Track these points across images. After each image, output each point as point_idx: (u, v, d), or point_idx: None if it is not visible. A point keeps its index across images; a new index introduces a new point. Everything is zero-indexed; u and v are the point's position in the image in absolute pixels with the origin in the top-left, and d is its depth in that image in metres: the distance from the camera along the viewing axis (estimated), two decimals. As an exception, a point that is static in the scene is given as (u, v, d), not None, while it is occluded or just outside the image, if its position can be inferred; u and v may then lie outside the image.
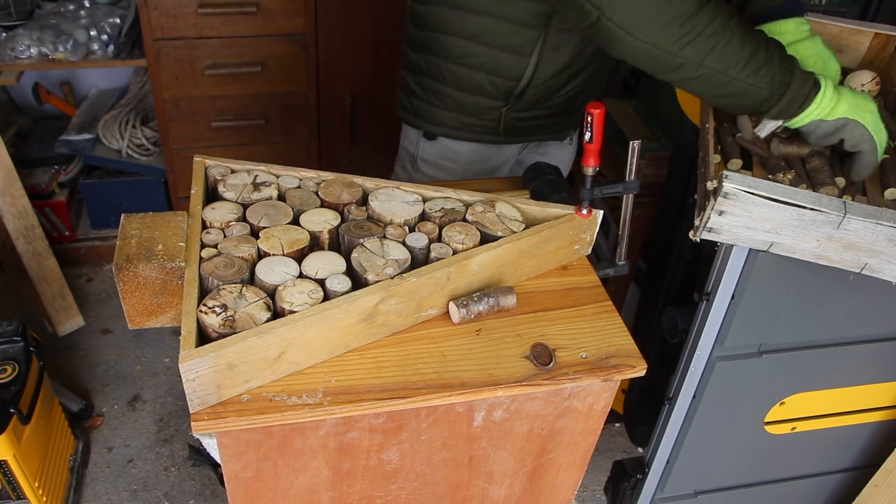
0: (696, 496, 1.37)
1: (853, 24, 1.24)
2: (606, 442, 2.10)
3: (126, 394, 2.13)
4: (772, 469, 1.36)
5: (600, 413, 1.00)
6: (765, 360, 1.14)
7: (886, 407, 1.29)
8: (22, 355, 1.62)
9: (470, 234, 0.98)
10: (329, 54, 2.23)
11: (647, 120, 1.94)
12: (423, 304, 0.94)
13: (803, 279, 1.04)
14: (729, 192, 0.91)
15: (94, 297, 2.45)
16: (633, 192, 1.08)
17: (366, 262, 0.91)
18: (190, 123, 2.28)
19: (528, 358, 0.92)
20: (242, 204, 1.00)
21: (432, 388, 0.87)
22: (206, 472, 1.92)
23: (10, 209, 2.03)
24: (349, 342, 0.90)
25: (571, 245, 1.07)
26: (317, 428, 0.87)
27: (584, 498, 1.96)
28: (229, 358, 0.79)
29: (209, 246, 0.92)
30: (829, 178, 1.00)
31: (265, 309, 0.84)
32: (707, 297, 1.11)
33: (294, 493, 0.94)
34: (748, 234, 0.95)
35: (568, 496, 1.14)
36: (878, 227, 0.90)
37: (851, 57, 1.27)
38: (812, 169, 1.03)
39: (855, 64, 1.27)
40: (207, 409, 0.81)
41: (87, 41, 2.19)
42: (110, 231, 2.57)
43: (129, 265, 0.88)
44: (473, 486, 1.05)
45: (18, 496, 1.61)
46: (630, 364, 0.94)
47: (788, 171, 1.03)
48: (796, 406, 1.24)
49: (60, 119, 2.64)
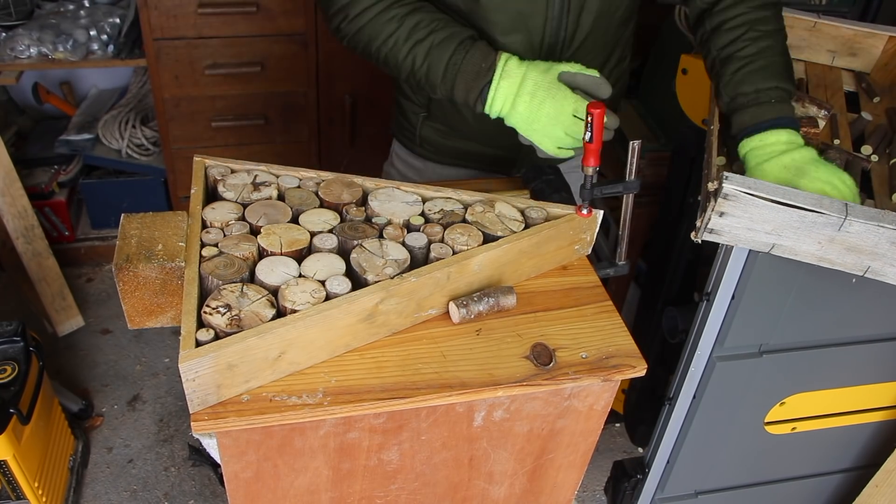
0: (696, 496, 1.37)
1: (868, 27, 1.23)
2: (606, 442, 2.10)
3: (126, 394, 2.13)
4: (772, 469, 1.36)
5: (600, 413, 1.00)
6: (765, 360, 1.14)
7: (887, 407, 1.29)
8: (22, 355, 1.62)
9: (472, 235, 0.98)
10: (329, 54, 2.23)
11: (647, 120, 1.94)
12: (423, 304, 0.94)
13: (804, 279, 1.04)
14: (729, 194, 0.91)
15: (94, 297, 2.45)
16: (633, 192, 1.08)
17: (365, 262, 0.91)
18: (190, 123, 2.28)
19: (529, 358, 0.92)
20: (242, 204, 0.99)
21: (432, 388, 0.87)
22: (206, 472, 1.92)
23: (10, 209, 2.03)
24: (349, 342, 0.90)
25: (571, 245, 1.07)
26: (317, 428, 0.87)
27: (584, 498, 1.96)
28: (229, 358, 0.79)
29: (209, 245, 0.92)
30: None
31: (269, 306, 0.84)
32: (707, 297, 1.11)
33: (294, 493, 0.94)
34: (749, 236, 0.95)
35: (568, 496, 1.13)
36: (881, 229, 0.90)
37: (865, 60, 1.26)
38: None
39: (869, 68, 1.26)
40: (207, 409, 0.81)
41: (87, 41, 2.19)
42: (110, 231, 2.57)
43: (129, 265, 0.88)
44: (473, 486, 1.05)
45: (18, 496, 1.61)
46: (630, 364, 0.94)
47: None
48: (796, 406, 1.24)
49: (60, 119, 2.64)
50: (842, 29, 1.23)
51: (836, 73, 1.27)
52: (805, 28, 1.25)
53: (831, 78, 1.25)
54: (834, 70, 1.28)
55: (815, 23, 1.24)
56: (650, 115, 1.94)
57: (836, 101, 1.18)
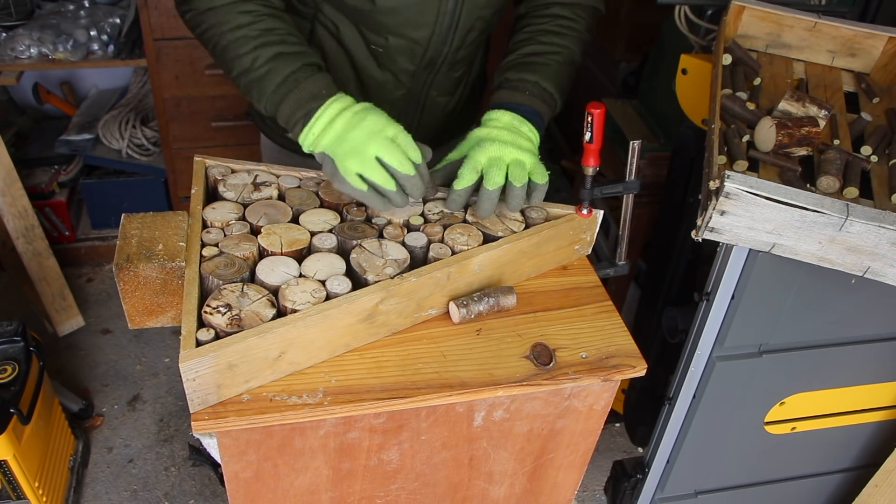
0: (696, 496, 1.37)
1: (868, 27, 1.23)
2: (606, 442, 2.10)
3: (126, 394, 2.13)
4: (772, 469, 1.36)
5: (600, 413, 1.00)
6: (765, 360, 1.14)
7: (886, 407, 1.29)
8: (22, 355, 1.62)
9: (472, 235, 0.98)
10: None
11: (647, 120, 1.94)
12: (424, 304, 0.94)
13: (803, 279, 1.04)
14: (731, 192, 0.91)
15: (94, 297, 2.45)
16: (633, 192, 1.08)
17: (365, 262, 0.91)
18: (190, 123, 2.28)
19: (528, 358, 0.92)
20: (243, 204, 1.00)
21: (432, 388, 0.87)
22: (206, 472, 1.92)
23: (10, 209, 2.03)
24: (349, 342, 0.90)
25: (571, 245, 1.07)
26: (317, 428, 0.87)
27: (584, 498, 1.96)
28: (229, 358, 0.79)
29: (209, 245, 0.92)
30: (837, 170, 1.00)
31: (270, 306, 0.84)
32: (707, 297, 1.11)
33: (294, 493, 0.94)
34: (750, 235, 0.95)
35: (568, 496, 1.13)
36: (881, 230, 0.90)
37: (865, 61, 1.26)
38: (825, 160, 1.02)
39: (869, 68, 1.26)
40: (208, 409, 0.81)
41: (87, 41, 2.19)
42: (110, 231, 2.57)
43: (129, 265, 0.88)
44: (473, 486, 1.05)
45: (18, 496, 1.61)
46: (630, 364, 0.94)
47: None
48: (796, 406, 1.24)
49: (60, 119, 2.64)
50: (842, 29, 1.23)
51: (836, 74, 1.27)
52: (805, 28, 1.25)
53: (831, 78, 1.25)
54: (834, 70, 1.28)
55: (815, 23, 1.24)
56: (650, 115, 1.94)
57: (836, 102, 1.18)
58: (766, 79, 1.20)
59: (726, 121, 1.11)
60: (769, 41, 1.28)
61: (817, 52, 1.27)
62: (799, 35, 1.26)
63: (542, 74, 1.09)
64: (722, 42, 1.22)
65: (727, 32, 1.25)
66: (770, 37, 1.27)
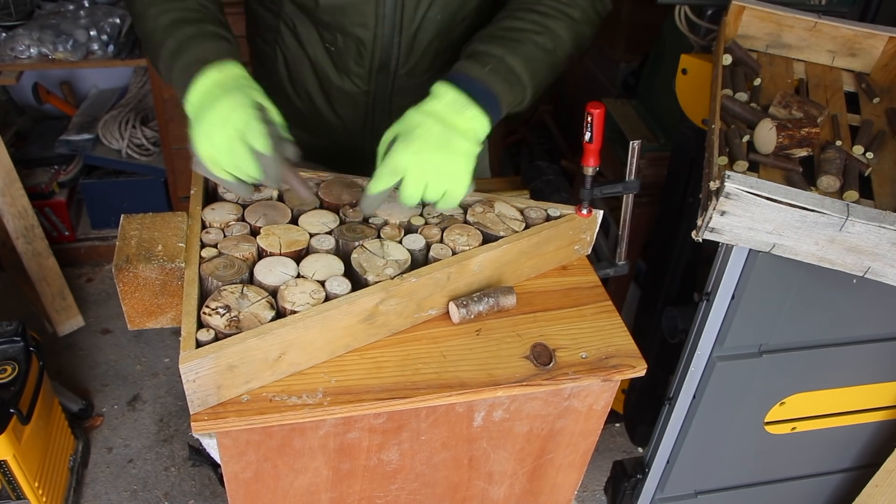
0: (696, 496, 1.37)
1: (868, 27, 1.23)
2: (606, 442, 2.11)
3: (126, 394, 2.13)
4: (772, 469, 1.36)
5: (600, 413, 1.00)
6: (765, 360, 1.14)
7: (886, 407, 1.29)
8: (22, 355, 1.62)
9: (472, 235, 0.98)
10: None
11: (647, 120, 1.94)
12: (423, 304, 0.94)
13: (803, 279, 1.04)
14: (731, 192, 0.91)
15: (94, 297, 2.45)
16: (633, 192, 1.08)
17: (365, 262, 0.91)
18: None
19: (528, 358, 0.92)
20: (242, 205, 0.99)
21: (432, 388, 0.87)
22: (206, 472, 1.92)
23: (10, 209, 2.03)
24: (349, 343, 0.90)
25: (571, 245, 1.07)
26: (317, 428, 0.87)
27: (584, 498, 1.96)
28: (229, 359, 0.79)
29: (209, 246, 0.92)
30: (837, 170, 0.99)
31: (269, 308, 0.84)
32: (707, 297, 1.11)
33: (294, 493, 0.94)
34: (750, 235, 0.95)
35: (568, 496, 1.13)
36: (882, 230, 0.90)
37: (865, 61, 1.26)
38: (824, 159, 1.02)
39: (869, 68, 1.26)
40: (207, 410, 0.81)
41: (87, 41, 2.19)
42: (110, 231, 2.57)
43: (128, 266, 0.88)
44: (473, 486, 1.05)
45: (18, 496, 1.61)
46: (630, 364, 0.94)
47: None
48: (796, 406, 1.24)
49: (60, 119, 2.64)
50: (842, 29, 1.23)
51: (837, 74, 1.27)
52: (805, 28, 1.25)
53: (831, 78, 1.25)
54: (834, 70, 1.27)
55: (815, 23, 1.23)
56: (650, 115, 1.94)
57: (836, 102, 1.18)
58: (766, 79, 1.20)
59: (726, 121, 1.11)
60: (769, 41, 1.28)
61: (817, 52, 1.27)
62: (799, 35, 1.26)
63: (512, 50, 0.96)
64: (722, 42, 1.22)
65: (727, 32, 1.25)
66: (770, 37, 1.27)
